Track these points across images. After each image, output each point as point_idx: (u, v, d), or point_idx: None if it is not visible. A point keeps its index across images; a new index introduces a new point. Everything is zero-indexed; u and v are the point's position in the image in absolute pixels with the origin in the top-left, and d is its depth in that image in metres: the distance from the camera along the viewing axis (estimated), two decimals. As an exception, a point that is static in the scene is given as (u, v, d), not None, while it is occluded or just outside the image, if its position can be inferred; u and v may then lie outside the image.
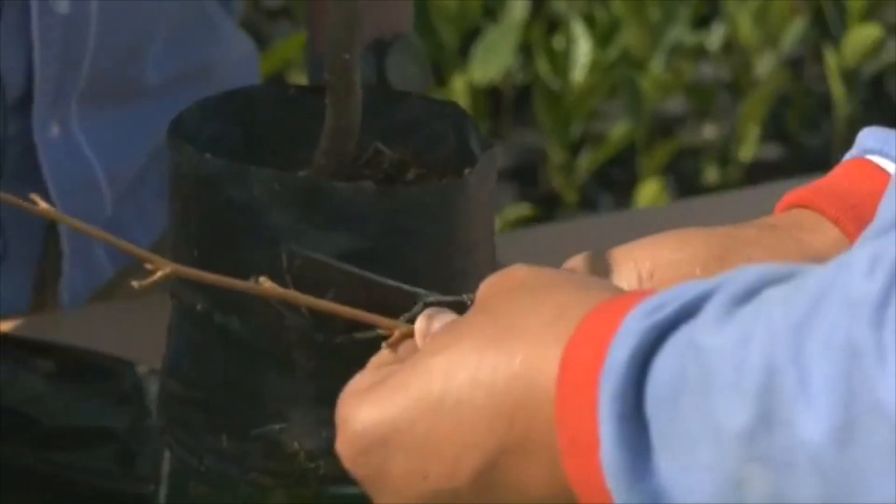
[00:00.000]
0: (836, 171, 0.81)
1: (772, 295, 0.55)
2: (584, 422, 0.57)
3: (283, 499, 0.92)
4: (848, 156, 0.81)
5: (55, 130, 1.23)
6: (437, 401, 0.64)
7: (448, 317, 0.70)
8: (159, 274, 0.74)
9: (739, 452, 0.54)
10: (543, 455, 0.60)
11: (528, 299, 0.63)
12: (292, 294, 0.75)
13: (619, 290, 0.65)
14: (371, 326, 0.75)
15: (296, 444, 0.85)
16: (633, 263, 0.80)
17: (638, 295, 0.59)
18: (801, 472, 0.52)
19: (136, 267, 0.90)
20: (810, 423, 0.51)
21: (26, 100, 1.20)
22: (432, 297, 0.80)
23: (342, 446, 0.67)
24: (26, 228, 1.24)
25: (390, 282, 0.82)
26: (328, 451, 0.80)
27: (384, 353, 0.70)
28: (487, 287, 0.66)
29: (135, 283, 0.85)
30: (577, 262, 0.80)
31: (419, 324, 0.71)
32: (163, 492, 0.95)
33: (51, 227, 1.25)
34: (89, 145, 1.24)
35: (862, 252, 0.53)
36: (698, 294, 0.57)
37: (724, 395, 0.54)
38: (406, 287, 0.81)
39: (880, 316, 0.50)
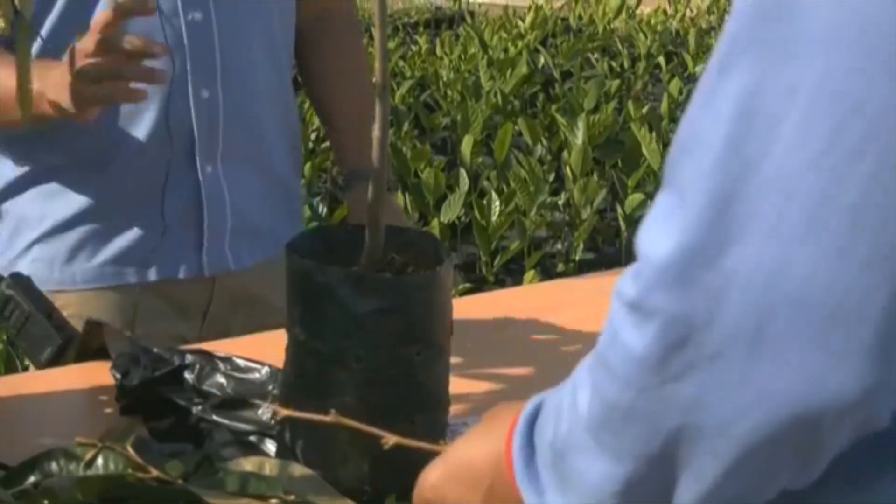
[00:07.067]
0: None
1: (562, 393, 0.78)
2: (508, 456, 0.82)
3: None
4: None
5: (209, 169, 1.61)
6: (462, 467, 0.90)
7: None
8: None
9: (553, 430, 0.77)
10: (505, 480, 0.84)
11: (496, 421, 0.88)
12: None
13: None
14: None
15: (347, 400, 1.08)
16: None
17: (522, 407, 0.83)
18: (573, 425, 0.74)
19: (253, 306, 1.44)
20: (584, 405, 0.74)
21: (192, 152, 1.58)
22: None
23: (418, 493, 0.94)
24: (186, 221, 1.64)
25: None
26: (360, 406, 1.04)
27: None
28: (489, 413, 0.92)
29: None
30: None
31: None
32: (285, 433, 1.14)
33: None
34: (225, 180, 1.63)
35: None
36: (544, 397, 0.81)
37: (552, 421, 0.78)
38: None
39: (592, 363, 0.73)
